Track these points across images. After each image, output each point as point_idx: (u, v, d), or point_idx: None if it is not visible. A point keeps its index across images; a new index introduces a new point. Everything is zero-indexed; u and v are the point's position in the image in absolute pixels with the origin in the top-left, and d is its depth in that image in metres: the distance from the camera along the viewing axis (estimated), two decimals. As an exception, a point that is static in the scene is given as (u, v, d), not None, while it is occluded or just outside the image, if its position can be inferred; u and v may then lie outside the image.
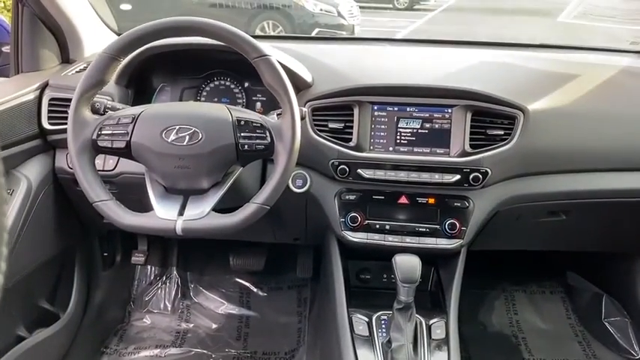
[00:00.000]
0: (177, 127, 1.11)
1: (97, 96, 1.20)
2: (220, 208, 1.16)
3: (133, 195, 1.34)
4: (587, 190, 1.45)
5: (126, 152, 1.14)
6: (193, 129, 1.11)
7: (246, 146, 1.12)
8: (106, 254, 2.00)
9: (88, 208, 1.17)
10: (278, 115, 1.21)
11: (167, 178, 1.16)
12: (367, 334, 1.29)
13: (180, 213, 1.14)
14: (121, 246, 2.09)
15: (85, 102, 1.14)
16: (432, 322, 1.31)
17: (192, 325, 2.10)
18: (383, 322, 1.31)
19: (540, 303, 2.16)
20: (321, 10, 7.03)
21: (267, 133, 1.13)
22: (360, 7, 7.78)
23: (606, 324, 1.96)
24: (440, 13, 11.21)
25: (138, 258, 2.05)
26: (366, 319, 1.32)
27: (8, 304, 1.46)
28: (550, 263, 2.22)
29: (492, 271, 2.18)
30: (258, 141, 1.13)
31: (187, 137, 1.11)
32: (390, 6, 11.43)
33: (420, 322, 1.30)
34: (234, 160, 1.15)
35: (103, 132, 1.12)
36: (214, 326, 2.09)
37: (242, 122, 1.13)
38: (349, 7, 7.31)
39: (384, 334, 1.27)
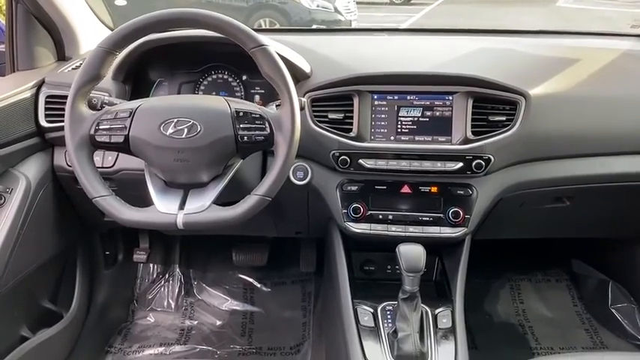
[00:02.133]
0: (176, 119, 1.10)
1: (94, 92, 1.18)
2: (221, 202, 1.15)
3: (132, 191, 1.32)
4: (591, 174, 1.43)
5: (124, 147, 1.12)
6: (192, 121, 1.10)
7: (245, 138, 1.11)
8: (107, 253, 1.99)
9: (88, 205, 1.16)
10: (277, 106, 1.20)
11: (166, 172, 1.15)
12: (373, 324, 1.28)
13: (181, 207, 1.13)
14: (123, 244, 2.08)
15: (82, 97, 1.12)
16: (437, 311, 1.30)
17: (196, 322, 2.09)
18: (388, 312, 1.30)
19: (546, 291, 2.15)
20: (317, 6, 7.03)
21: (267, 124, 1.11)
22: (357, 3, 7.77)
23: (613, 310, 1.95)
24: (437, 7, 11.19)
25: (140, 256, 2.04)
26: (372, 310, 1.31)
27: (10, 304, 1.45)
28: (555, 251, 2.21)
29: (497, 261, 2.16)
30: (257, 132, 1.11)
31: (186, 130, 1.09)
32: (387, 0, 11.42)
33: (426, 312, 1.28)
34: (233, 152, 1.13)
35: (100, 127, 1.11)
36: (218, 323, 2.08)
37: (241, 114, 1.12)
38: (346, 3, 7.31)
39: (390, 325, 1.26)
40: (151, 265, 2.21)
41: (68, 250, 1.72)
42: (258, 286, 2.22)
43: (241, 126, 1.11)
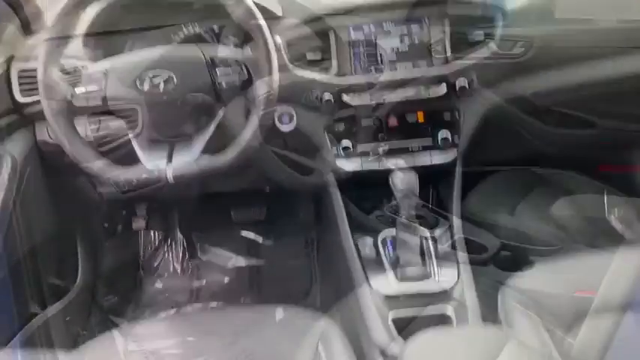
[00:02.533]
0: (150, 74, 1.08)
1: (66, 59, 1.16)
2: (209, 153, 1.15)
3: (121, 154, 1.31)
4: (575, 82, 1.42)
5: (103, 109, 1.11)
6: (167, 74, 1.08)
7: (223, 84, 1.10)
8: (106, 225, 1.99)
9: (78, 177, 1.15)
10: (252, 49, 1.18)
11: (149, 128, 1.14)
12: (375, 255, 1.30)
13: (169, 160, 1.12)
14: (121, 214, 2.08)
15: (53, 64, 1.10)
16: (436, 233, 1.32)
17: (204, 281, 2.11)
18: (389, 241, 1.32)
19: (543, 209, 2.16)
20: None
21: (244, 68, 1.10)
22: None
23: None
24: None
25: (138, 223, 2.05)
26: (372, 242, 1.33)
27: (15, 283, 1.46)
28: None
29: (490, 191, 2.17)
30: (234, 77, 1.10)
31: (162, 83, 1.07)
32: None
33: (426, 237, 1.30)
34: (213, 99, 1.12)
35: (76, 91, 1.09)
36: (226, 280, 2.11)
37: (216, 60, 1.10)
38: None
39: (392, 253, 1.28)
40: (152, 233, 2.22)
41: (66, 225, 1.72)
42: (261, 239, 2.23)
43: (218, 72, 1.09)
